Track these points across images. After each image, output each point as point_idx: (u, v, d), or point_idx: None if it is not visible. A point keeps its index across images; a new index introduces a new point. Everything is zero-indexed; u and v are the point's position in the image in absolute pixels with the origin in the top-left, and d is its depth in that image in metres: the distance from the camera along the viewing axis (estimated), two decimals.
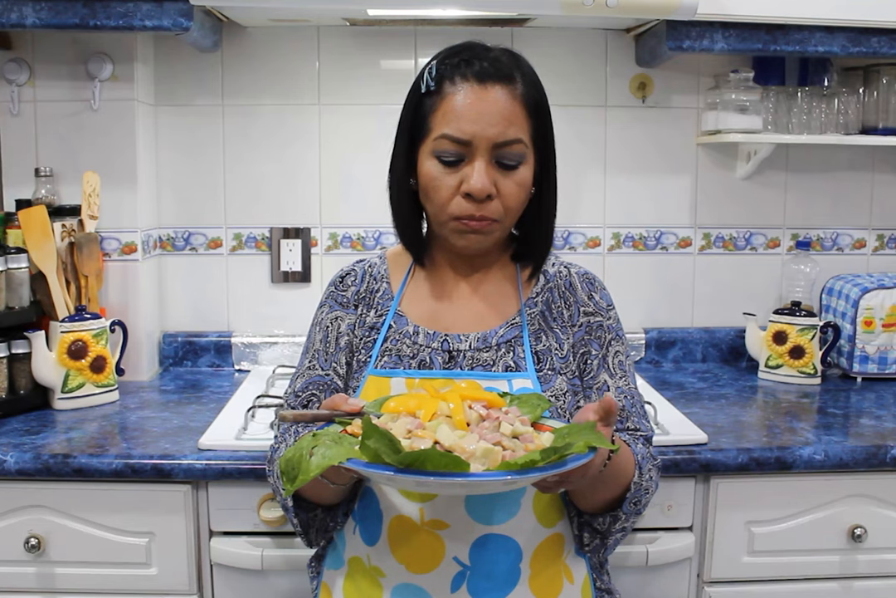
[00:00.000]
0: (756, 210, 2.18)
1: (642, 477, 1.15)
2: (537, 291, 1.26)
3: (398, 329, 1.22)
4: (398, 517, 1.12)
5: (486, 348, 1.20)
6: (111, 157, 1.92)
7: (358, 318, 1.26)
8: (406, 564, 1.11)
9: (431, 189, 1.16)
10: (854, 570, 1.55)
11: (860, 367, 2.00)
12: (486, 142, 1.12)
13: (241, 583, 1.49)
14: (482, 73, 1.13)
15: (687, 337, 2.18)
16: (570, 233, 2.15)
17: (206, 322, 2.14)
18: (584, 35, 2.09)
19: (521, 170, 1.15)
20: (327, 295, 1.30)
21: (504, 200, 1.15)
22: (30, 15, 1.68)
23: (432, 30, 2.05)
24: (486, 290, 1.26)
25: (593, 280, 1.29)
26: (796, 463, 1.49)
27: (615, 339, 1.25)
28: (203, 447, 1.49)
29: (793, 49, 1.84)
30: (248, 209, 2.11)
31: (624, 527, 1.18)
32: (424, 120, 1.16)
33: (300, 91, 2.08)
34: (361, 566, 1.16)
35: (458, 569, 1.10)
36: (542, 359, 1.20)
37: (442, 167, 1.14)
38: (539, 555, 1.13)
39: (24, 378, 1.72)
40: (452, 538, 1.10)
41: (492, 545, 1.10)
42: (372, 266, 1.30)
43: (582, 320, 1.24)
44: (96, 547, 1.47)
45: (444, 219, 1.17)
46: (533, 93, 1.16)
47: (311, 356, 1.27)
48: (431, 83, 1.15)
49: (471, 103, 1.12)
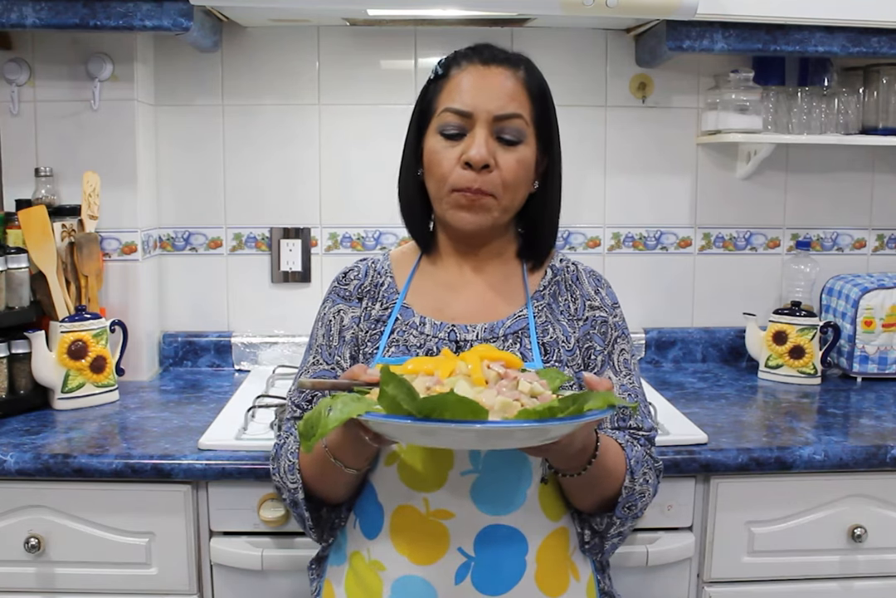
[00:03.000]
0: (756, 210, 2.18)
1: (635, 482, 1.15)
2: (545, 284, 1.27)
3: (405, 320, 1.23)
4: (401, 507, 1.12)
5: (493, 339, 1.20)
6: (111, 157, 1.92)
7: (363, 311, 1.26)
8: (408, 555, 1.10)
9: (434, 163, 1.18)
10: (854, 570, 1.55)
11: (860, 367, 2.00)
12: (487, 114, 1.15)
13: (241, 583, 1.49)
14: (487, 57, 1.19)
15: (687, 337, 2.18)
16: (570, 233, 2.15)
17: (206, 322, 2.13)
18: (584, 35, 2.09)
19: (522, 148, 1.17)
20: (330, 291, 1.30)
21: (503, 174, 1.16)
22: (30, 15, 1.68)
23: (432, 30, 2.05)
24: (492, 281, 1.26)
25: (600, 278, 1.31)
26: (796, 463, 1.49)
27: (621, 336, 1.26)
28: (203, 447, 1.48)
29: (793, 49, 1.84)
30: (248, 209, 2.11)
31: (620, 532, 1.18)
32: (431, 103, 1.21)
33: (300, 91, 2.08)
34: (362, 561, 1.15)
35: (463, 560, 1.09)
36: (549, 351, 1.20)
37: (444, 141, 1.17)
38: (545, 549, 1.13)
39: (24, 378, 1.72)
40: (457, 529, 1.09)
41: (498, 537, 1.10)
42: (375, 262, 1.31)
43: (588, 314, 1.25)
44: (96, 547, 1.47)
45: (444, 193, 1.18)
46: (536, 81, 1.21)
47: (314, 352, 1.27)
48: (440, 70, 1.20)
49: (474, 79, 1.17)
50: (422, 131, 1.22)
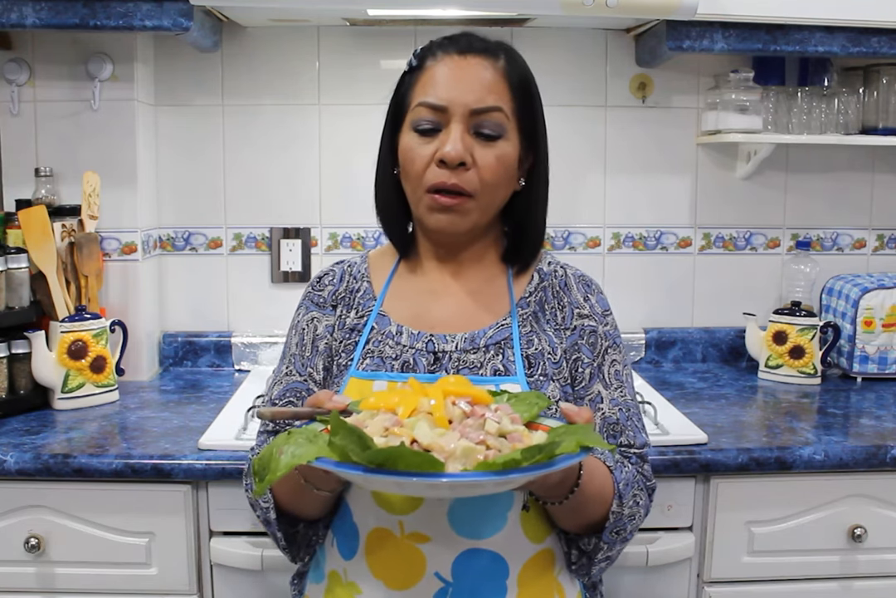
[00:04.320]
0: (756, 210, 2.18)
1: (623, 506, 1.08)
2: (531, 290, 1.19)
3: (381, 330, 1.16)
4: (376, 530, 1.06)
5: (473, 350, 1.13)
6: (111, 157, 1.92)
7: (337, 319, 1.20)
8: (384, 579, 1.05)
9: (408, 161, 1.11)
10: (854, 570, 1.55)
11: (860, 367, 2.00)
12: (463, 108, 1.08)
13: (241, 583, 1.49)
14: (464, 46, 1.12)
15: (687, 337, 2.18)
16: (570, 233, 2.15)
17: (206, 322, 2.13)
18: (584, 35, 2.09)
19: (501, 144, 1.10)
20: (304, 296, 1.24)
21: (480, 172, 1.09)
22: (30, 15, 1.68)
23: (432, 30, 2.05)
24: (474, 288, 1.19)
25: (590, 283, 1.22)
26: (796, 463, 1.49)
27: (612, 347, 1.17)
28: (203, 447, 1.49)
29: (793, 49, 1.84)
30: (248, 209, 2.11)
31: (608, 556, 1.11)
32: (405, 97, 1.14)
33: (300, 91, 2.08)
34: (339, 581, 1.10)
35: (440, 585, 1.03)
36: (533, 364, 1.13)
37: (418, 137, 1.10)
38: (528, 572, 1.07)
39: (24, 378, 1.72)
40: (434, 553, 1.04)
41: (476, 561, 1.04)
42: (352, 266, 1.25)
43: (576, 323, 1.17)
44: (96, 547, 1.47)
45: (420, 194, 1.11)
46: (518, 71, 1.13)
47: (287, 362, 1.21)
48: (415, 61, 1.14)
49: (449, 70, 1.10)
50: (396, 127, 1.15)
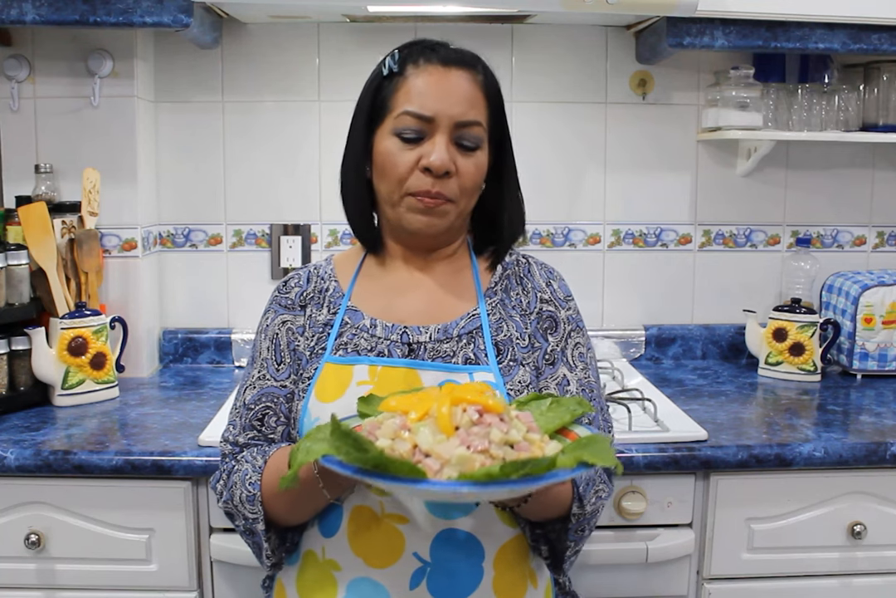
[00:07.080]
0: (756, 207, 2.18)
1: (584, 507, 1.10)
2: (496, 280, 1.24)
3: (354, 324, 1.19)
4: (358, 507, 1.10)
5: (446, 339, 1.17)
6: (111, 153, 1.92)
7: (307, 319, 1.22)
8: (364, 557, 1.08)
9: (389, 165, 1.15)
10: (854, 567, 1.55)
11: (860, 364, 2.00)
12: (449, 120, 1.13)
13: (241, 580, 1.49)
14: (446, 57, 1.16)
15: (687, 334, 2.18)
16: (570, 230, 2.15)
17: (207, 319, 2.14)
18: (584, 32, 2.09)
19: (479, 154, 1.16)
20: (270, 301, 1.26)
21: (461, 180, 1.14)
22: (30, 11, 1.68)
23: (432, 26, 2.05)
24: (441, 280, 1.23)
25: (552, 270, 1.28)
26: (796, 460, 1.49)
27: (574, 330, 1.23)
28: (203, 444, 1.49)
29: (793, 46, 1.84)
30: (248, 206, 2.11)
31: (577, 550, 1.16)
32: (385, 102, 1.16)
33: (300, 88, 2.08)
34: (315, 560, 1.12)
35: (418, 565, 1.07)
36: (502, 350, 1.17)
37: (401, 144, 1.14)
38: (503, 556, 1.10)
39: (24, 375, 1.72)
40: (412, 533, 1.07)
41: (454, 543, 1.08)
42: (317, 267, 1.28)
43: (538, 307, 1.22)
44: (96, 544, 1.47)
45: (399, 197, 1.15)
46: (492, 83, 1.19)
47: (259, 366, 1.22)
48: (394, 66, 1.17)
49: (436, 81, 1.14)
50: (371, 129, 1.18)
